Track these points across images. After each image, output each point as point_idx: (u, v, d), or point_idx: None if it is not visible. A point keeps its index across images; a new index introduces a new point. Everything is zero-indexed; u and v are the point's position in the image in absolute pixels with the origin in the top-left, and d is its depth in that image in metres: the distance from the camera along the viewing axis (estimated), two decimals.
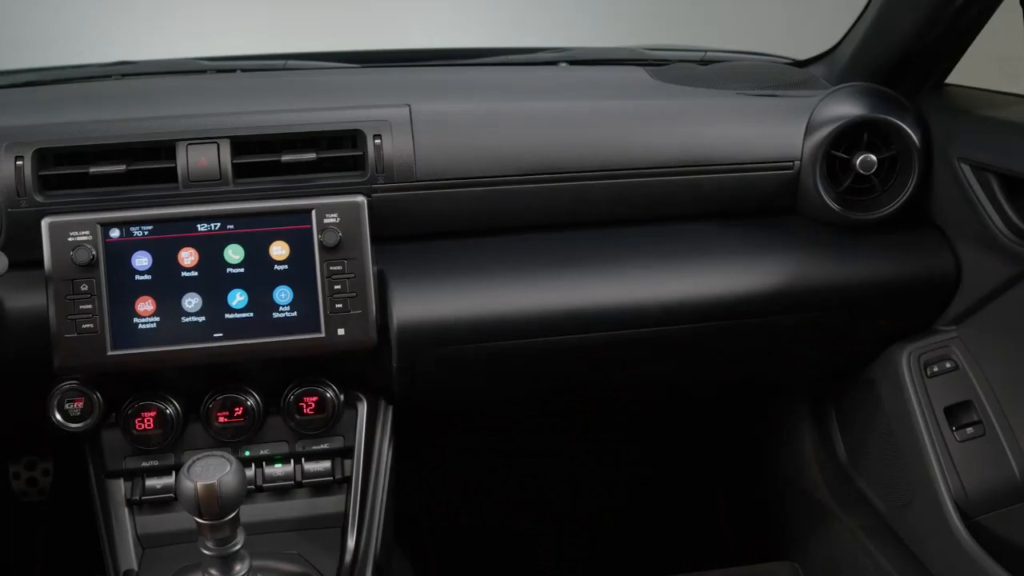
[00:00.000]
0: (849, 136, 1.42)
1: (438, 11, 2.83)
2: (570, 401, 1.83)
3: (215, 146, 1.29)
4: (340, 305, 1.29)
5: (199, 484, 1.07)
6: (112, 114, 1.34)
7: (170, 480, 1.36)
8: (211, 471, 1.09)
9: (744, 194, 1.44)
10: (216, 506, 1.08)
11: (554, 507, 2.10)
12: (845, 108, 1.43)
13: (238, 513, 1.10)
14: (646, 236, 1.43)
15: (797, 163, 1.42)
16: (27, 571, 1.92)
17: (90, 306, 1.25)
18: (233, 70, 1.64)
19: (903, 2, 1.37)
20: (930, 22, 1.35)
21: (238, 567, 1.15)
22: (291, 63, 1.67)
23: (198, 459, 1.10)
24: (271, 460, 1.37)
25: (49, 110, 1.40)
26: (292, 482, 1.37)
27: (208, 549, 1.12)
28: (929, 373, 1.47)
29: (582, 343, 1.38)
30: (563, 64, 1.68)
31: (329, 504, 1.39)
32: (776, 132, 1.43)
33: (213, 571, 1.14)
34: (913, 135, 1.41)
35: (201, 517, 1.09)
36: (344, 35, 2.55)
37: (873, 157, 1.41)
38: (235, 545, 1.13)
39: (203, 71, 1.65)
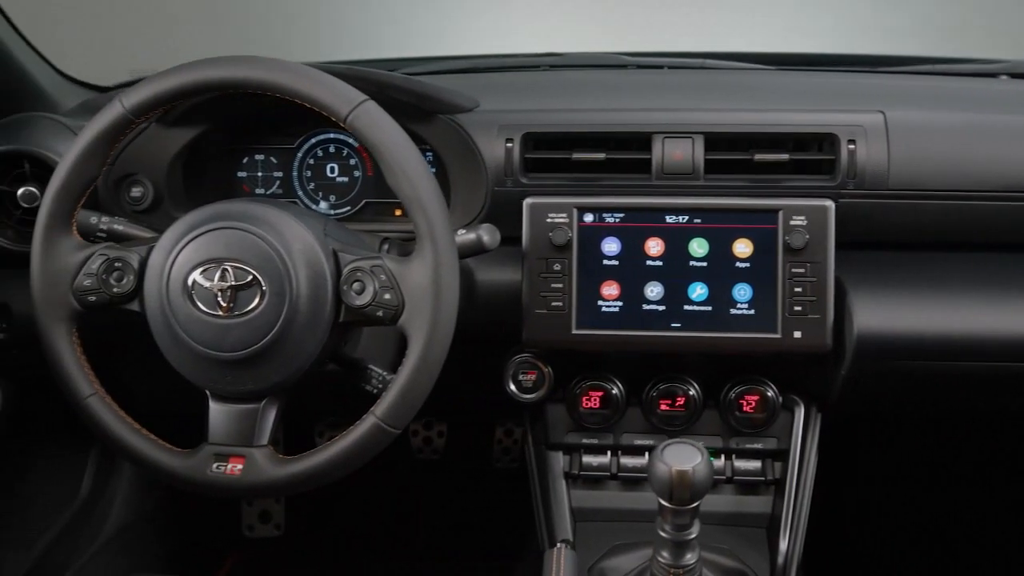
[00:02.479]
0: None
1: (743, 14, 2.77)
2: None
3: (690, 141, 1.32)
4: (799, 308, 1.28)
5: (674, 469, 1.09)
6: (586, 104, 1.40)
7: (605, 459, 1.40)
8: (685, 458, 1.11)
9: None
10: (687, 492, 1.10)
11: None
12: None
13: (700, 503, 1.12)
14: None
15: None
16: (414, 522, 2.06)
17: (560, 285, 1.31)
18: (659, 67, 1.67)
19: None
20: None
21: (689, 555, 1.17)
22: (708, 62, 1.69)
23: (669, 445, 1.13)
24: None
25: (520, 97, 1.48)
26: (723, 477, 1.39)
27: (666, 532, 1.15)
28: None
29: None
30: (1003, 77, 1.60)
31: (756, 504, 1.39)
32: None
33: (665, 554, 1.17)
34: None
35: (670, 501, 1.11)
36: (650, 33, 2.56)
37: None
38: (691, 533, 1.15)
39: (624, 66, 1.69)
